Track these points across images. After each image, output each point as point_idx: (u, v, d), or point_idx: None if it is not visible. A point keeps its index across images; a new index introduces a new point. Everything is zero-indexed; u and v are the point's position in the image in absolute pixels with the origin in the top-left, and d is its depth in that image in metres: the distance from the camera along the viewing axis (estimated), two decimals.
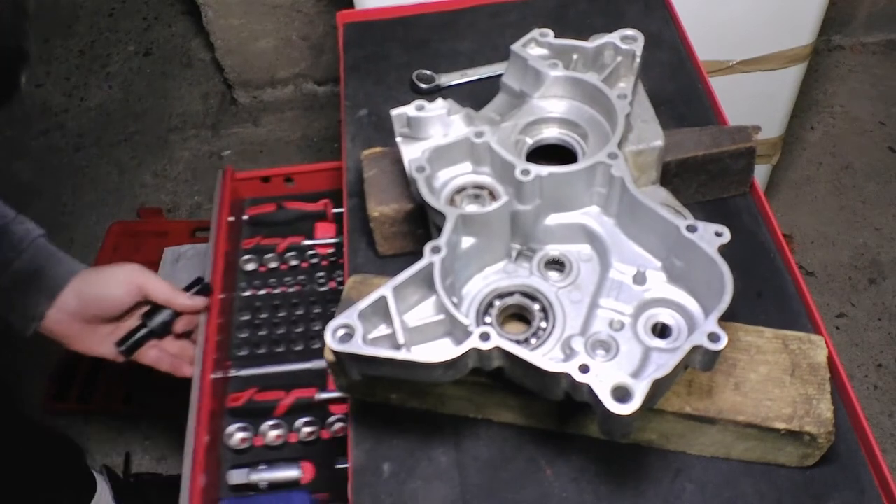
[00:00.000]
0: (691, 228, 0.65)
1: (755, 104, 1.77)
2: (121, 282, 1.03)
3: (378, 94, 1.08)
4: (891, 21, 2.70)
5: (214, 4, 2.42)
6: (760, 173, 1.99)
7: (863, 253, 2.25)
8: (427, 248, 0.65)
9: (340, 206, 1.01)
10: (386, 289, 0.63)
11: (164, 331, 1.08)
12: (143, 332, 1.06)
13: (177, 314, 1.09)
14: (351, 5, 1.39)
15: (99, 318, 1.04)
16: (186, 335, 1.12)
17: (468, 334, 0.61)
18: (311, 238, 1.31)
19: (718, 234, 0.65)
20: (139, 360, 1.09)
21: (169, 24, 2.96)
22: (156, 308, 1.07)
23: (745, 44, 1.67)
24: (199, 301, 1.09)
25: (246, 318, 1.22)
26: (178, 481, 0.96)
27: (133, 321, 1.08)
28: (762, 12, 1.60)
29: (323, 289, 1.26)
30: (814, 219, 2.33)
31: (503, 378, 0.67)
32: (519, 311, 0.71)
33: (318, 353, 1.18)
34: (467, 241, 0.69)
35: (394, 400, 0.79)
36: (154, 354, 1.09)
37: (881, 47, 2.74)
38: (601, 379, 0.58)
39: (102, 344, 1.06)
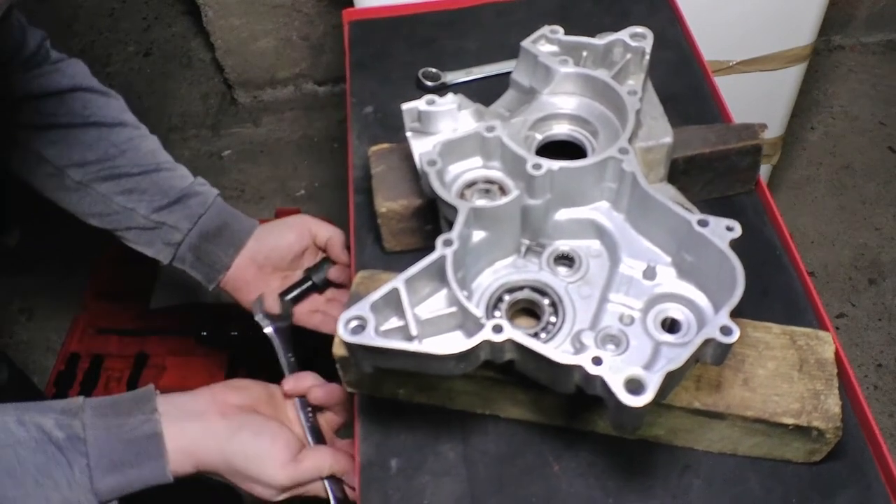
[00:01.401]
0: (703, 223, 0.65)
1: (755, 104, 1.78)
2: (293, 225, 1.11)
3: (384, 91, 1.08)
4: (891, 21, 2.71)
5: (214, 4, 2.42)
6: (761, 173, 1.99)
7: (863, 253, 2.26)
8: (439, 241, 0.65)
9: None
10: (398, 281, 0.63)
11: (325, 284, 1.12)
12: (306, 284, 1.10)
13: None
14: (352, 4, 1.39)
15: (272, 265, 1.10)
16: (338, 287, 1.15)
17: (480, 326, 0.61)
18: None
19: (729, 229, 0.65)
20: (303, 324, 1.12)
21: (169, 24, 2.96)
22: (317, 264, 1.12)
23: (746, 44, 1.67)
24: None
25: None
26: (179, 484, 0.95)
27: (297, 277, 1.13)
28: (762, 12, 1.60)
29: None
30: (814, 219, 2.33)
31: (513, 372, 0.67)
32: (528, 306, 0.71)
33: None
34: (478, 235, 0.69)
35: (401, 395, 0.79)
36: (318, 318, 1.12)
37: (881, 47, 2.75)
38: (614, 371, 0.58)
39: (269, 298, 1.11)
